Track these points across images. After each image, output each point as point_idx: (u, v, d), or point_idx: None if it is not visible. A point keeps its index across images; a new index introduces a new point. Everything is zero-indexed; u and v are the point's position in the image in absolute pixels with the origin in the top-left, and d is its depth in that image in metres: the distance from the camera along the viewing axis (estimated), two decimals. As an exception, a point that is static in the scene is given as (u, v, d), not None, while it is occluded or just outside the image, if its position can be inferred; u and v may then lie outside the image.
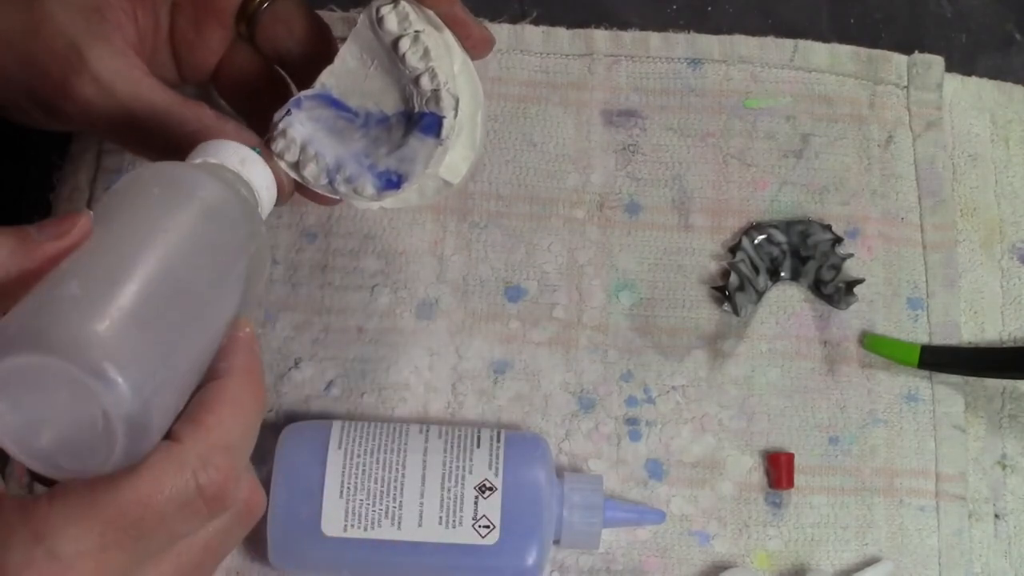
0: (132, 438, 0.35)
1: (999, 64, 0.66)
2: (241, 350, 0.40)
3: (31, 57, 0.47)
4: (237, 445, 0.38)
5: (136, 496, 0.35)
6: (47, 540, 0.34)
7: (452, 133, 0.47)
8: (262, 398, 0.40)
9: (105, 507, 0.35)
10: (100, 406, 0.34)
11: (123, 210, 0.39)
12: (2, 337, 0.34)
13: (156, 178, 0.40)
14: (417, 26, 0.47)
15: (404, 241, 0.60)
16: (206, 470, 0.36)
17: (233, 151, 0.44)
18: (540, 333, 0.59)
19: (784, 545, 0.56)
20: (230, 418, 0.38)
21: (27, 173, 0.61)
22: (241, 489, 0.38)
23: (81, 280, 0.36)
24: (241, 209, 0.42)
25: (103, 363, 0.34)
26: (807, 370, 0.59)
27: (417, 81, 0.47)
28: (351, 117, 0.48)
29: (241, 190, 0.43)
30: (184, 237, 0.39)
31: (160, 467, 0.36)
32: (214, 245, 0.40)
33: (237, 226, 0.41)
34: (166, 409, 0.37)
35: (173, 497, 0.36)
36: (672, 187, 0.62)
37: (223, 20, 0.51)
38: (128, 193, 0.40)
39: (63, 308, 0.35)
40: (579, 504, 0.53)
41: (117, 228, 0.38)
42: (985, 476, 0.58)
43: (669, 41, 0.64)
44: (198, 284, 0.39)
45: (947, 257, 0.61)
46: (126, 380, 0.34)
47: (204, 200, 0.40)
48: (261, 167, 0.44)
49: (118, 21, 0.48)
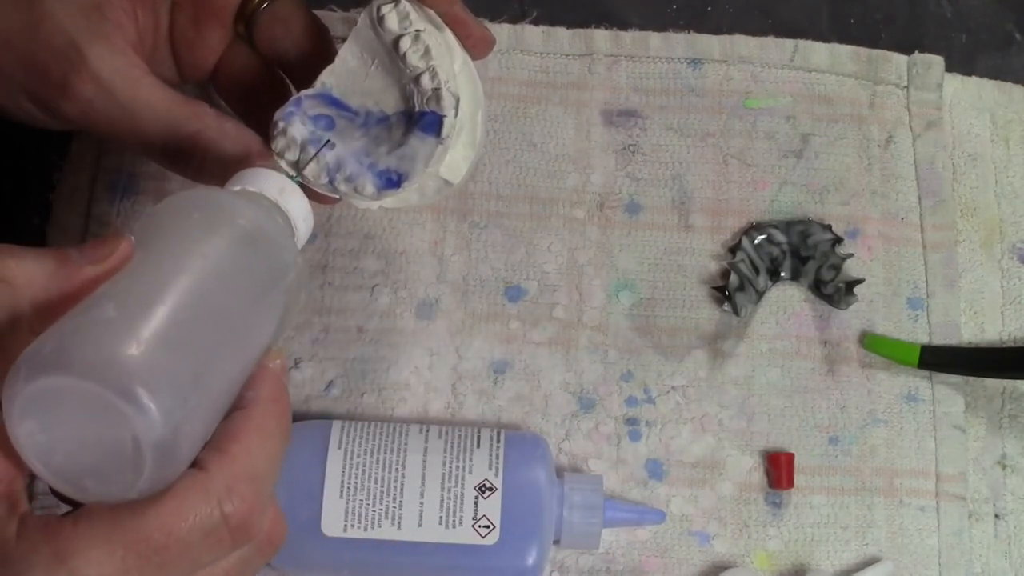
0: (160, 464, 0.34)
1: (999, 64, 0.66)
2: (269, 380, 0.39)
3: (31, 56, 0.47)
4: (262, 475, 0.38)
5: (160, 523, 0.35)
6: (69, 562, 0.34)
7: (452, 132, 0.46)
8: (287, 429, 0.40)
9: (129, 532, 0.35)
10: (130, 431, 0.34)
11: (162, 234, 0.39)
12: (35, 357, 0.34)
13: (196, 203, 0.40)
14: (418, 25, 0.47)
15: (404, 241, 0.60)
16: (231, 500, 0.36)
17: (272, 180, 0.43)
18: (540, 333, 0.59)
19: (784, 545, 0.56)
20: (256, 448, 0.38)
21: (27, 173, 0.61)
22: (265, 520, 0.38)
23: (117, 303, 0.36)
24: (279, 238, 0.42)
25: (136, 388, 0.34)
26: (807, 370, 0.59)
27: (418, 80, 0.47)
28: (351, 116, 0.48)
29: (279, 219, 0.43)
30: (222, 264, 0.38)
31: (185, 495, 0.35)
32: (251, 273, 0.40)
33: (274, 255, 0.41)
34: (195, 437, 0.36)
35: (197, 526, 0.35)
36: (672, 187, 0.62)
37: (222, 19, 0.51)
38: (167, 217, 0.40)
39: (98, 330, 0.35)
40: (579, 504, 0.53)
41: (156, 252, 0.38)
42: (985, 476, 0.58)
43: (669, 41, 0.64)
44: (233, 311, 0.39)
45: (947, 257, 0.61)
46: (158, 406, 0.34)
47: (243, 227, 0.40)
48: (299, 197, 0.44)
49: (118, 20, 0.48)
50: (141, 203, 0.60)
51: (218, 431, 0.38)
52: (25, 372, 0.34)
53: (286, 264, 0.41)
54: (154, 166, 0.60)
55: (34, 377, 0.34)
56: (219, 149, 0.47)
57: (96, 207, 0.60)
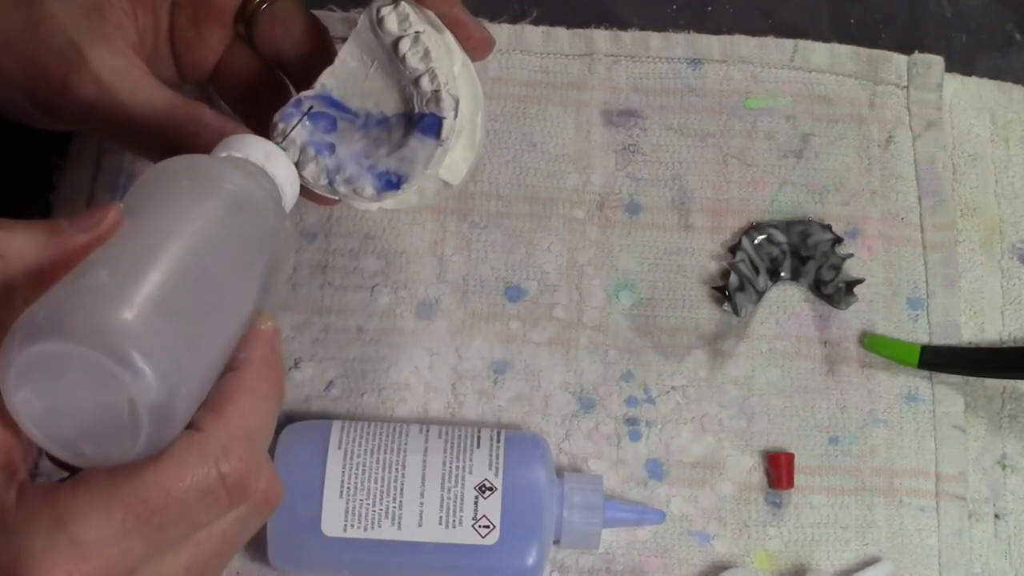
0: (157, 427, 0.35)
1: (999, 64, 0.66)
2: (261, 342, 0.40)
3: (31, 56, 0.47)
4: (257, 435, 0.38)
5: (158, 484, 0.35)
6: (69, 526, 0.34)
7: (452, 134, 0.46)
8: (281, 390, 0.40)
9: (127, 494, 0.35)
10: (126, 394, 0.34)
11: (152, 201, 0.39)
12: (29, 324, 0.34)
13: (184, 170, 0.40)
14: (417, 27, 0.47)
15: (404, 241, 0.60)
16: (228, 459, 0.36)
17: (258, 146, 0.44)
18: (540, 333, 0.59)
19: (784, 545, 0.56)
20: (250, 408, 0.38)
21: (27, 173, 0.61)
22: (261, 479, 0.38)
23: (110, 269, 0.36)
24: (266, 202, 0.42)
25: (130, 351, 0.34)
26: (807, 370, 0.59)
27: (417, 82, 0.47)
28: (351, 118, 0.48)
29: (265, 184, 0.43)
30: (211, 228, 0.39)
31: (182, 456, 0.36)
32: (240, 237, 0.40)
33: (262, 219, 0.42)
34: (190, 398, 0.37)
35: (195, 486, 0.36)
36: (672, 187, 0.62)
37: (222, 20, 0.51)
38: (157, 184, 0.40)
39: (91, 296, 0.35)
40: (579, 504, 0.53)
41: (146, 218, 0.39)
42: (985, 476, 0.58)
43: (669, 41, 0.64)
44: (224, 275, 0.39)
45: (947, 257, 0.61)
46: (153, 369, 0.34)
47: (231, 192, 0.40)
48: (285, 162, 0.45)
49: (118, 20, 0.48)
50: (141, 203, 0.60)
51: (212, 392, 0.38)
52: (20, 339, 0.34)
53: (274, 228, 0.42)
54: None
55: (29, 344, 0.34)
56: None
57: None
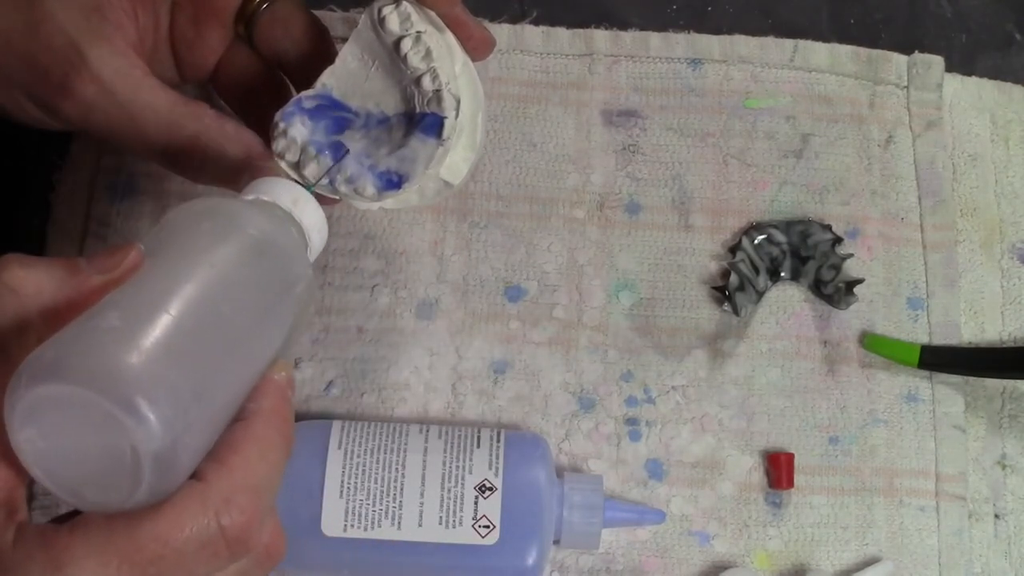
0: (159, 475, 0.34)
1: (999, 64, 0.66)
2: (272, 392, 0.39)
3: (31, 56, 0.47)
4: (262, 487, 0.37)
5: (156, 533, 0.35)
6: (65, 570, 0.34)
7: (453, 134, 0.46)
8: (289, 442, 0.39)
9: (124, 542, 0.34)
10: (129, 441, 0.34)
11: (171, 243, 0.39)
12: (37, 364, 0.34)
13: (207, 212, 0.40)
14: (419, 27, 0.47)
15: (404, 241, 0.60)
16: (229, 512, 0.36)
17: (287, 190, 0.43)
18: (540, 333, 0.59)
19: (784, 545, 0.56)
20: (256, 459, 0.37)
21: (27, 173, 0.61)
22: (264, 532, 0.38)
23: (121, 312, 0.35)
24: (290, 249, 0.41)
25: (135, 397, 0.33)
26: (807, 370, 0.59)
27: (419, 82, 0.47)
28: (351, 117, 0.48)
29: (292, 230, 0.42)
30: (230, 274, 0.38)
31: (182, 506, 0.35)
32: (260, 284, 0.40)
33: (285, 266, 0.41)
34: (195, 448, 0.36)
35: (194, 537, 0.35)
36: (672, 187, 0.62)
37: (222, 20, 0.51)
38: (178, 225, 0.39)
39: (99, 339, 0.34)
40: (579, 504, 0.53)
41: (163, 261, 0.38)
42: (985, 476, 0.58)
43: (669, 41, 0.64)
44: (240, 322, 0.38)
45: (947, 257, 0.61)
46: (157, 416, 0.33)
47: (253, 237, 0.40)
48: (313, 208, 0.44)
49: (119, 21, 0.48)
50: (141, 203, 0.60)
51: (218, 442, 0.37)
52: (26, 379, 0.34)
53: (296, 276, 0.41)
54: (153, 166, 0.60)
55: (34, 384, 0.34)
56: (219, 150, 0.47)
57: (96, 207, 0.60)
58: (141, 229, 0.59)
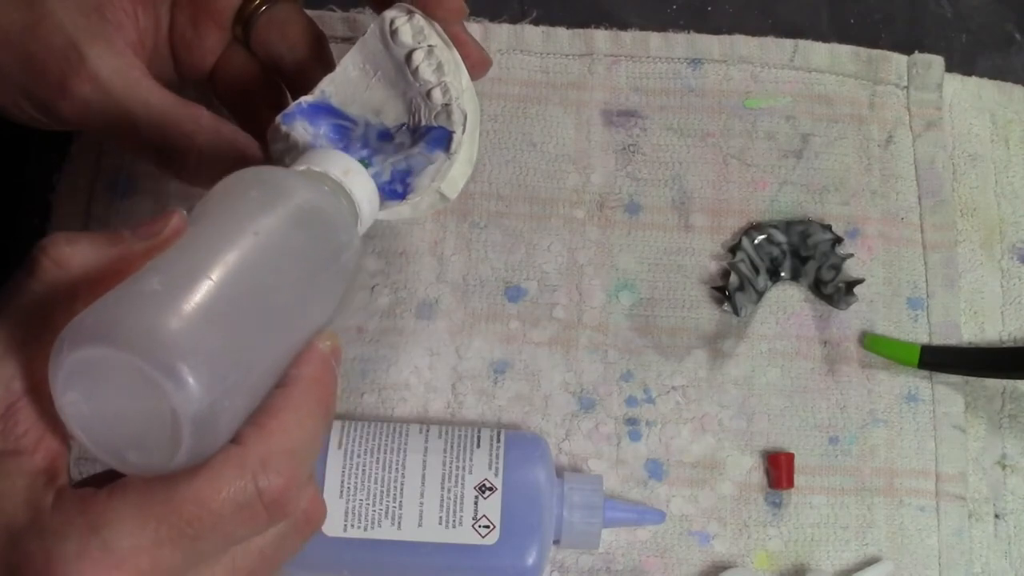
0: (198, 439, 0.35)
1: (999, 64, 0.66)
2: (315, 360, 0.39)
3: (30, 55, 0.47)
4: (300, 452, 0.37)
5: (193, 495, 0.35)
6: (102, 532, 0.34)
7: (459, 148, 0.47)
8: (330, 410, 0.39)
9: (162, 503, 0.35)
10: (168, 404, 0.34)
11: (218, 210, 0.39)
12: (78, 328, 0.34)
13: (256, 180, 0.40)
14: (431, 40, 0.47)
15: (404, 241, 0.60)
16: (267, 474, 0.36)
17: (338, 160, 0.43)
18: (540, 333, 0.59)
19: (784, 545, 0.56)
20: (295, 424, 0.37)
21: (27, 173, 0.61)
22: (302, 497, 0.38)
23: (163, 276, 0.35)
24: (337, 219, 0.41)
25: (175, 361, 0.34)
26: (807, 370, 0.59)
27: (429, 95, 0.47)
28: (350, 126, 0.47)
29: (342, 200, 0.42)
30: (274, 242, 0.38)
31: (220, 468, 0.35)
32: (305, 253, 0.39)
33: (331, 237, 0.40)
34: (235, 412, 0.36)
35: (231, 499, 0.35)
36: (672, 187, 0.62)
37: (221, 21, 0.51)
38: (225, 193, 0.39)
39: (140, 303, 0.35)
40: (579, 504, 0.53)
41: (209, 227, 0.38)
42: (985, 476, 0.58)
43: (669, 41, 0.64)
44: (283, 290, 0.38)
45: (947, 257, 0.61)
46: (197, 380, 0.34)
47: (300, 207, 0.39)
48: (364, 179, 0.43)
49: (119, 21, 0.48)
50: (141, 203, 0.60)
51: (258, 408, 0.37)
52: (68, 343, 0.34)
53: (342, 245, 0.41)
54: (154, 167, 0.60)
55: (76, 348, 0.34)
56: (214, 152, 0.47)
57: (96, 207, 0.60)
58: (141, 229, 0.59)
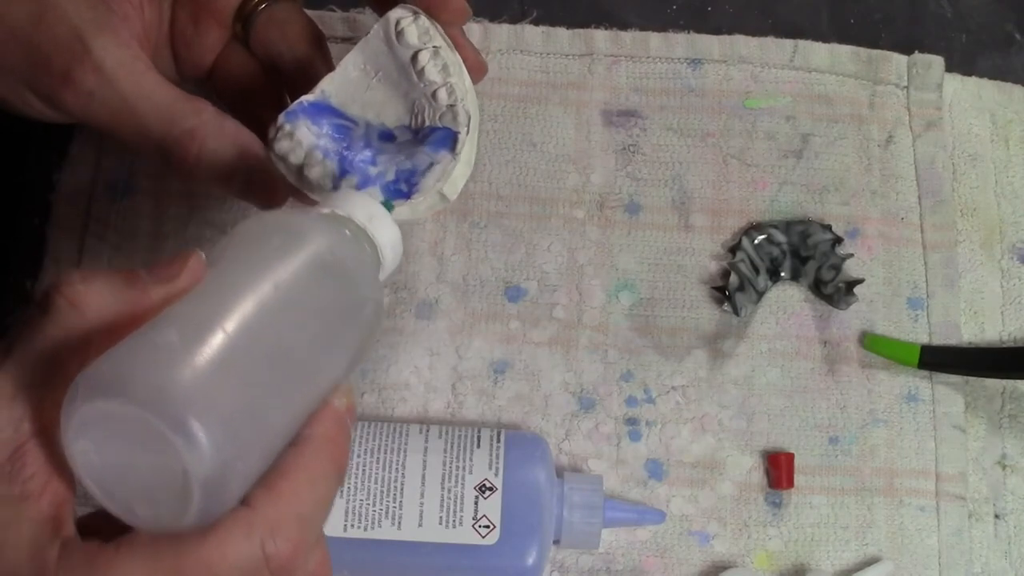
0: (208, 498, 0.34)
1: (999, 64, 0.66)
2: (328, 419, 0.38)
3: (34, 46, 0.47)
4: (310, 516, 0.36)
5: (200, 557, 0.34)
6: None
7: (463, 149, 0.46)
8: (342, 471, 0.38)
9: (167, 564, 0.34)
10: (180, 462, 0.33)
11: (238, 257, 0.38)
12: (92, 378, 0.33)
13: (277, 226, 0.39)
14: (436, 41, 0.47)
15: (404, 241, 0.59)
16: (275, 540, 0.35)
17: (362, 205, 0.42)
18: (540, 333, 0.59)
19: (784, 545, 0.56)
20: (306, 487, 0.36)
21: (27, 173, 0.61)
22: (310, 562, 0.37)
23: (179, 328, 0.34)
24: (359, 272, 0.40)
25: (188, 419, 0.33)
26: (807, 370, 0.59)
27: (435, 95, 0.47)
28: (350, 126, 0.47)
29: (365, 247, 0.41)
30: (294, 295, 0.37)
31: (228, 531, 0.34)
32: (325, 307, 0.38)
33: (352, 289, 0.39)
34: (248, 472, 0.35)
35: (238, 564, 0.34)
36: (672, 187, 0.62)
37: (221, 18, 0.51)
38: (246, 238, 0.38)
39: (155, 356, 0.34)
40: (579, 504, 0.53)
41: (228, 276, 0.37)
42: (985, 476, 0.58)
43: (669, 41, 0.64)
44: (302, 346, 0.37)
45: (947, 257, 0.61)
46: (209, 439, 0.33)
47: (322, 258, 0.38)
48: (389, 225, 0.43)
49: (125, 13, 0.48)
50: (141, 203, 0.60)
51: (270, 468, 0.36)
52: (82, 392, 0.33)
53: (364, 298, 0.40)
54: (154, 166, 0.60)
55: (89, 398, 0.33)
56: (216, 147, 0.47)
57: (96, 207, 0.60)
58: (141, 229, 0.59)
